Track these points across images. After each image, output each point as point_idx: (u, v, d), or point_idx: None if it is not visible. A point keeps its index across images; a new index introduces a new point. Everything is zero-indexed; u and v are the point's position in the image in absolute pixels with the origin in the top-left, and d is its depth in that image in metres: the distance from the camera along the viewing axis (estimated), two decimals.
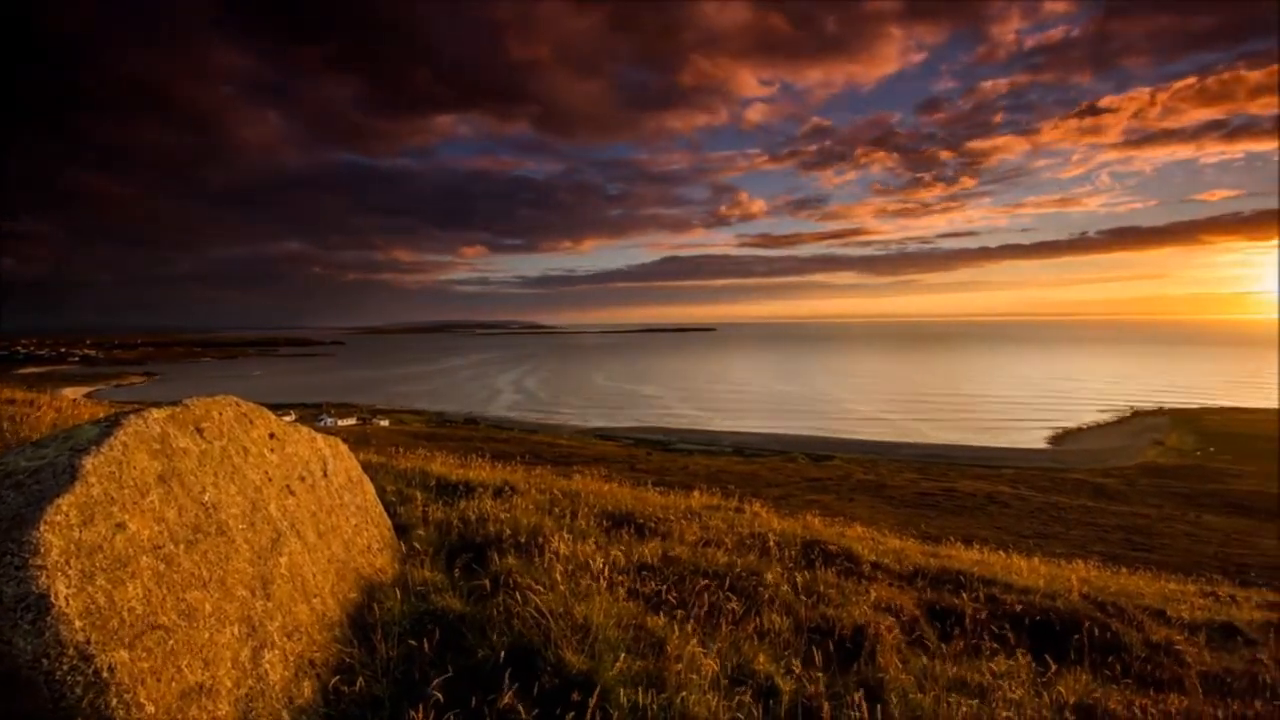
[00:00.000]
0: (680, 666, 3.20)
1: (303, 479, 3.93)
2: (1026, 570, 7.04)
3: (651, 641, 3.49)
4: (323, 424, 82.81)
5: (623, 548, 4.97)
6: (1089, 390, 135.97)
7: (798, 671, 3.51)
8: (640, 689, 2.97)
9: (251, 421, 3.73)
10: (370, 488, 5.03)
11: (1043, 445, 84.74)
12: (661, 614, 3.88)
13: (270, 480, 3.50)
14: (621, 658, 3.12)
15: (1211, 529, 44.65)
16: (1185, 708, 4.01)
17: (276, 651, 2.70)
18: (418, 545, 4.77)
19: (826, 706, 3.17)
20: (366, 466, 7.12)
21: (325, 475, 4.32)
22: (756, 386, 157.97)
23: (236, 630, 2.56)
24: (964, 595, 5.52)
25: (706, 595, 4.32)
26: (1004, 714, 3.42)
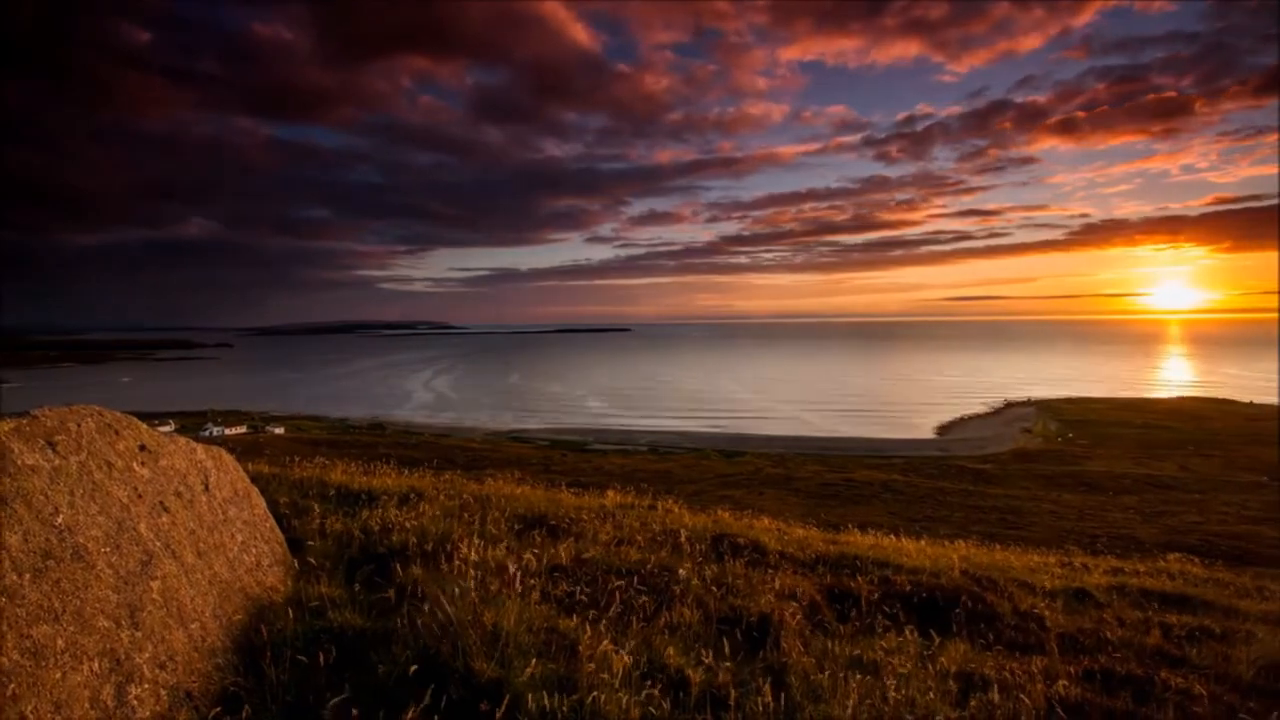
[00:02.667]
0: (592, 667, 3.21)
1: (180, 494, 3.60)
2: (915, 552, 7.60)
3: (564, 644, 3.48)
4: (207, 434, 76.19)
5: (535, 550, 4.92)
6: (974, 383, 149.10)
7: (707, 662, 3.61)
8: (551, 692, 2.96)
9: (118, 433, 3.38)
10: (260, 501, 4.70)
11: (931, 435, 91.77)
12: (574, 615, 3.87)
13: (140, 497, 3.19)
14: (533, 663, 3.09)
15: (1070, 506, 50.10)
16: (1045, 667, 4.47)
17: (146, 685, 2.46)
18: (314, 560, 4.50)
19: (734, 693, 3.28)
20: (257, 478, 6.63)
21: (207, 489, 3.99)
22: (672, 386, 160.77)
23: (97, 666, 2.31)
24: (860, 578, 5.89)
25: (619, 594, 4.35)
26: (893, 686, 3.68)
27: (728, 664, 3.59)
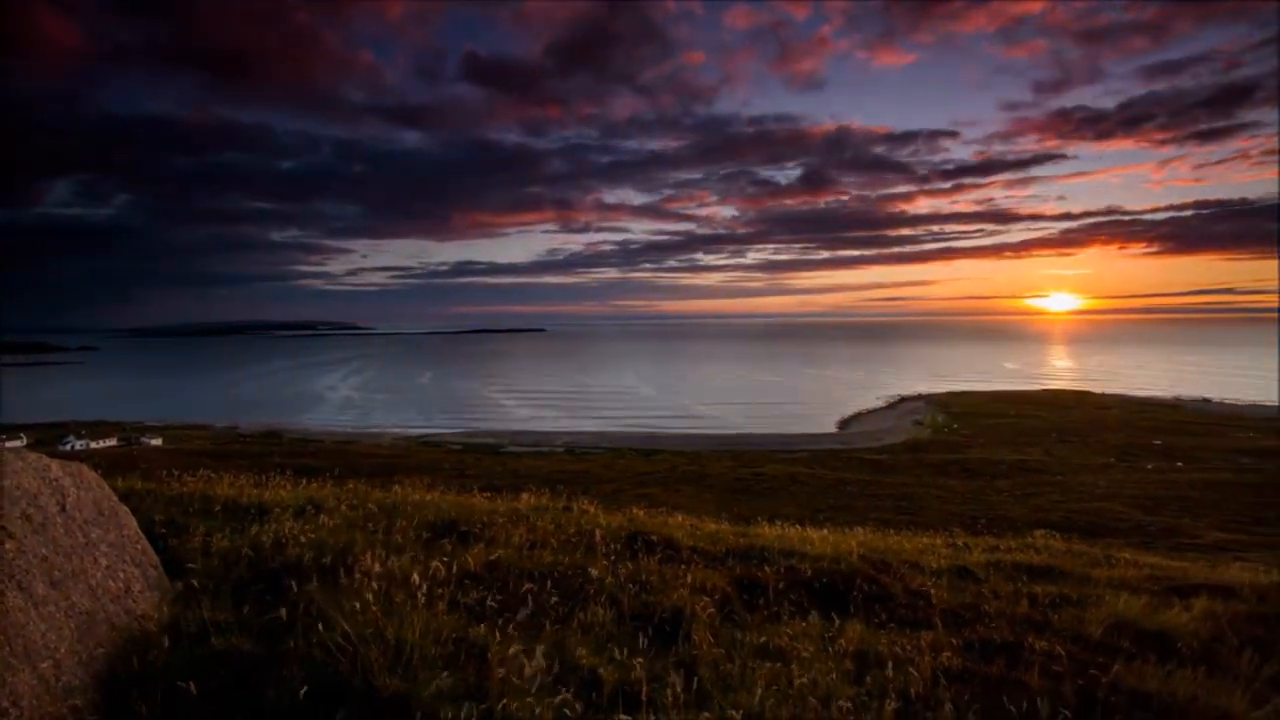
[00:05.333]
0: (503, 673, 3.15)
1: (28, 517, 3.21)
2: (818, 540, 7.99)
3: (474, 652, 3.40)
4: (68, 447, 68.08)
5: (444, 558, 4.76)
6: (876, 379, 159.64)
7: (620, 660, 3.64)
8: (460, 703, 2.88)
9: None
10: (130, 520, 4.26)
11: (833, 429, 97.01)
12: (485, 622, 3.78)
13: None
14: (440, 674, 3.00)
15: (955, 491, 54.59)
16: (932, 640, 4.85)
17: None
18: (195, 582, 4.14)
19: (646, 689, 3.33)
20: (128, 495, 6.01)
21: (64, 510, 3.57)
22: (591, 387, 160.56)
23: None
24: (768, 568, 6.12)
25: (532, 597, 4.30)
26: (798, 670, 3.87)
27: (640, 660, 3.64)
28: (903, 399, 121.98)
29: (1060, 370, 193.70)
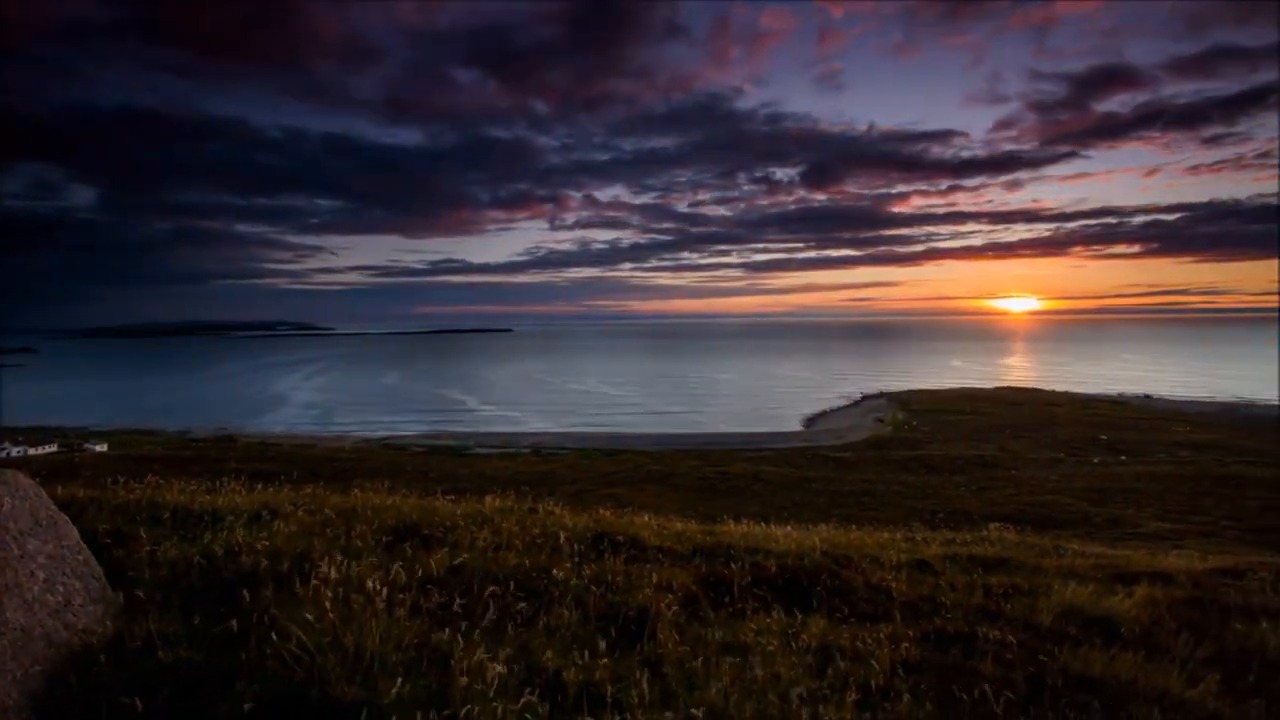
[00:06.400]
0: (465, 679, 3.11)
1: None
2: (782, 538, 8.12)
3: (436, 658, 3.35)
4: (4, 455, 64.65)
5: (405, 562, 4.68)
6: (842, 377, 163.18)
7: (584, 661, 3.63)
8: (422, 709, 2.83)
9: None
10: (71, 530, 4.06)
11: (798, 428, 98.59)
12: (448, 627, 3.73)
13: None
14: (400, 681, 2.94)
15: (914, 486, 56.05)
16: (891, 633, 4.97)
17: None
18: (142, 593, 3.97)
19: (611, 690, 3.33)
20: (69, 503, 5.74)
21: None
22: (557, 388, 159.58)
23: None
24: (733, 566, 6.19)
25: (496, 600, 4.26)
26: (761, 665, 3.92)
27: (605, 661, 3.64)
28: (865, 397, 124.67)
29: (1015, 368, 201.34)
